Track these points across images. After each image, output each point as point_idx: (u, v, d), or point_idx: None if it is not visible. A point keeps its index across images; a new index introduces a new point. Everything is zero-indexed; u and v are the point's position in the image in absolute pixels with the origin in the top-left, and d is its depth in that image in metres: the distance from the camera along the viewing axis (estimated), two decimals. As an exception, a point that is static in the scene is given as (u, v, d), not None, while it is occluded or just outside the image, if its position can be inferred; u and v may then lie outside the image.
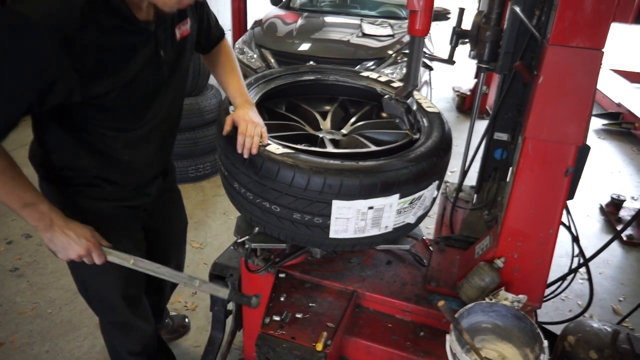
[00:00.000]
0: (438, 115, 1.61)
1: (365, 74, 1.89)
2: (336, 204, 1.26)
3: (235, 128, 1.34)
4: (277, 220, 1.34)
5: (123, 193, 1.42)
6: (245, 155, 1.29)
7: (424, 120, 1.58)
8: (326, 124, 1.75)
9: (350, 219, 1.29)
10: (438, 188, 1.48)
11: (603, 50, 1.17)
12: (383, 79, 1.85)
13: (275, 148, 1.31)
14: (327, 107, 1.85)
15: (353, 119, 1.78)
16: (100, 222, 1.34)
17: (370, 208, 1.29)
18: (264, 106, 1.69)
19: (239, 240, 1.53)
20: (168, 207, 1.73)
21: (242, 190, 1.35)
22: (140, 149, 1.36)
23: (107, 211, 1.40)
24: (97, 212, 1.38)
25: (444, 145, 1.44)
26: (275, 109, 1.75)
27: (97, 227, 1.32)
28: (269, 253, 1.60)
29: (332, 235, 1.32)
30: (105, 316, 1.65)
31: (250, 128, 1.31)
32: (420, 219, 1.48)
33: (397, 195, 1.29)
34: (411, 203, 1.35)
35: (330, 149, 1.52)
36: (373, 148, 1.47)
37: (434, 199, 1.50)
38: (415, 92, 1.43)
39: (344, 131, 1.71)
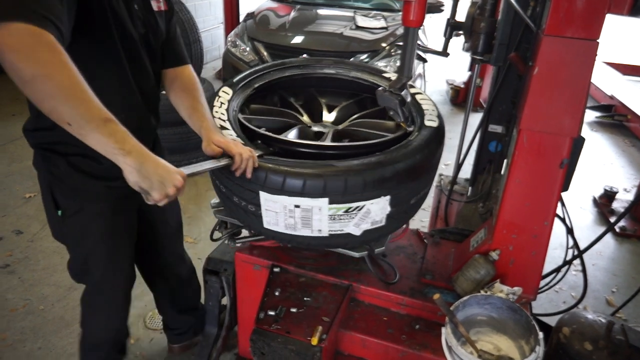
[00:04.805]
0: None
1: (387, 75, 1.81)
2: (263, 196, 1.28)
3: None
4: (226, 200, 1.41)
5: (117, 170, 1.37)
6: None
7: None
8: (330, 117, 1.73)
9: (278, 213, 1.29)
10: (393, 205, 1.32)
11: (598, 40, 1.16)
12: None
13: (228, 133, 1.37)
14: (344, 102, 1.82)
15: (355, 116, 1.74)
16: (94, 200, 1.35)
17: (297, 207, 1.27)
18: (279, 94, 1.78)
19: (213, 210, 1.58)
20: None
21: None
22: (127, 96, 1.32)
23: (101, 190, 1.37)
24: (90, 189, 1.35)
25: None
26: (286, 98, 1.80)
27: (90, 205, 1.34)
28: (238, 229, 1.61)
29: (265, 225, 1.34)
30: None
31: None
32: (369, 233, 1.35)
33: (325, 200, 1.25)
34: (347, 212, 1.29)
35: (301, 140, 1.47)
36: (351, 143, 1.46)
37: (393, 217, 1.36)
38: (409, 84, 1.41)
39: (340, 127, 1.69)
